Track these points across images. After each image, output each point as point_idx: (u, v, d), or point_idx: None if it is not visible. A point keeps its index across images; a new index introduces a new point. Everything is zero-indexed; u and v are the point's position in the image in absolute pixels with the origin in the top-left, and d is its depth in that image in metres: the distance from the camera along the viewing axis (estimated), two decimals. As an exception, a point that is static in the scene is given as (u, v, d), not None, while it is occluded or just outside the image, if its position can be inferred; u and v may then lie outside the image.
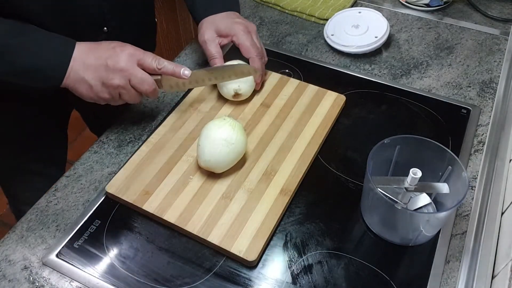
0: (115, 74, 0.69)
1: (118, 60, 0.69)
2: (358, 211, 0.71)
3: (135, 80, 0.71)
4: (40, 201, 0.74)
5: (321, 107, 0.83)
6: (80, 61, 0.69)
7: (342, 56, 0.97)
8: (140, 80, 0.71)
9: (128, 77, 0.70)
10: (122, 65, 0.69)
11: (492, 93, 0.89)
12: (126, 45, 0.72)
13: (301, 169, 0.74)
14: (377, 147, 0.65)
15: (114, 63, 0.69)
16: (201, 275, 0.64)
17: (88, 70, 0.69)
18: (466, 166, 0.77)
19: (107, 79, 0.69)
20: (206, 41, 0.82)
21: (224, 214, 0.68)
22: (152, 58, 0.72)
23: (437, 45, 0.99)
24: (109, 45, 0.71)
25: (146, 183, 0.72)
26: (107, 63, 0.69)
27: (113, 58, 0.69)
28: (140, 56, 0.71)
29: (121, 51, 0.70)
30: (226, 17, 0.83)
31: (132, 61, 0.70)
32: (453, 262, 0.66)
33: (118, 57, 0.69)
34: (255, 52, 0.81)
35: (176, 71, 0.73)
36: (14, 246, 0.68)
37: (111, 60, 0.69)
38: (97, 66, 0.69)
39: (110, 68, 0.69)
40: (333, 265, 0.65)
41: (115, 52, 0.70)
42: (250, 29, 0.83)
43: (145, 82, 0.72)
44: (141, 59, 0.71)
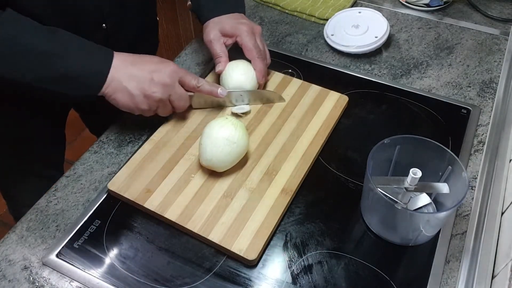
0: (158, 88, 0.71)
1: (163, 75, 0.72)
2: (358, 211, 0.71)
3: (174, 96, 0.74)
4: (40, 201, 0.74)
5: (324, 108, 0.83)
6: (123, 70, 0.71)
7: (342, 56, 0.97)
8: (179, 96, 0.74)
9: (169, 92, 0.73)
10: (167, 80, 0.72)
11: (492, 93, 0.89)
12: (168, 61, 0.75)
13: (303, 169, 0.74)
14: (377, 147, 0.65)
15: (159, 78, 0.71)
16: (201, 275, 0.64)
17: (132, 80, 0.71)
18: (466, 166, 0.77)
19: (150, 92, 0.71)
20: (211, 40, 0.83)
21: (225, 213, 0.68)
22: (193, 77, 0.76)
23: (437, 45, 0.99)
24: (152, 59, 0.74)
25: (148, 181, 0.72)
26: (153, 76, 0.71)
27: (158, 72, 0.72)
28: (182, 73, 0.74)
29: (166, 67, 0.73)
30: (231, 18, 0.84)
31: (175, 77, 0.73)
32: (453, 262, 0.66)
33: (163, 72, 0.72)
34: (257, 53, 0.81)
35: (213, 90, 0.77)
36: (14, 246, 0.68)
37: (156, 74, 0.71)
38: (142, 78, 0.71)
39: (155, 82, 0.71)
40: (333, 265, 0.65)
41: (160, 67, 0.72)
42: (254, 30, 0.83)
43: (183, 99, 0.75)
44: (182, 76, 0.74)
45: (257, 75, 0.82)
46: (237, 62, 0.83)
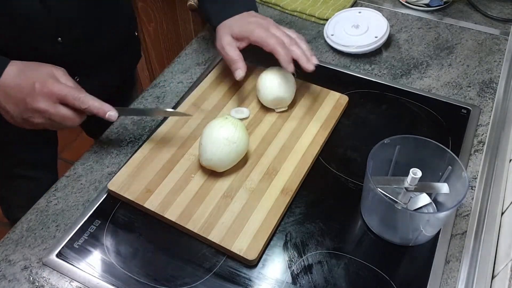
0: (34, 114, 0.65)
1: (35, 100, 0.64)
2: (358, 211, 0.71)
3: (56, 118, 0.66)
4: (40, 201, 0.74)
5: (324, 108, 0.83)
6: (3, 88, 0.65)
7: (342, 56, 0.97)
8: (62, 119, 0.66)
9: (48, 117, 0.66)
10: (40, 106, 0.64)
11: (492, 93, 0.89)
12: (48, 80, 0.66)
13: (303, 169, 0.74)
14: (377, 147, 0.65)
15: (32, 103, 0.64)
16: (201, 275, 0.64)
17: (9, 101, 0.65)
18: (466, 166, 0.77)
19: (27, 116, 0.66)
20: (224, 46, 0.79)
21: (225, 213, 0.68)
22: (75, 97, 0.66)
23: (437, 45, 0.99)
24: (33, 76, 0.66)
25: (148, 181, 0.72)
26: (26, 100, 0.64)
27: (31, 96, 0.64)
28: (61, 94, 0.65)
29: (40, 89, 0.64)
30: (240, 19, 0.81)
31: (52, 100, 0.65)
32: (453, 262, 0.66)
33: (36, 97, 0.64)
34: (275, 41, 0.75)
35: (100, 112, 0.68)
36: (14, 246, 0.68)
37: (29, 98, 0.64)
38: (17, 101, 0.65)
39: (29, 108, 0.65)
40: (333, 265, 0.65)
41: (34, 90, 0.64)
42: (265, 24, 0.78)
43: (68, 120, 0.67)
44: (62, 97, 0.65)
45: (282, 64, 0.75)
46: (271, 71, 0.81)
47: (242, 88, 0.87)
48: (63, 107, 0.66)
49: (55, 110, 0.65)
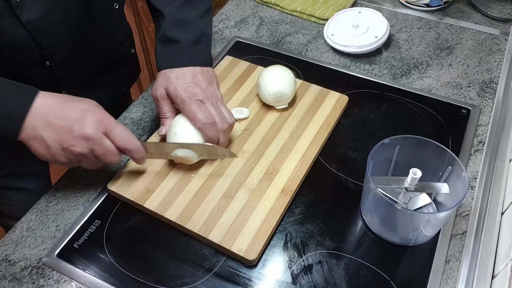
0: (78, 141, 0.62)
1: (85, 125, 0.61)
2: (358, 211, 0.71)
3: (99, 151, 0.63)
4: (40, 201, 0.74)
5: (324, 108, 0.83)
6: (42, 116, 0.61)
7: (342, 56, 0.97)
8: (105, 151, 0.64)
9: (92, 147, 0.63)
10: (88, 132, 0.61)
11: (492, 93, 0.89)
12: (98, 109, 0.64)
13: (303, 169, 0.74)
14: (377, 147, 0.65)
15: (80, 129, 0.61)
16: (201, 275, 0.64)
17: (49, 130, 0.61)
18: (466, 166, 0.77)
19: (67, 144, 0.62)
20: (158, 98, 0.74)
21: (225, 213, 0.68)
22: (123, 133, 0.64)
23: (437, 45, 0.99)
24: (79, 105, 0.63)
25: (148, 181, 0.72)
26: (73, 127, 0.61)
27: (80, 122, 0.61)
28: (110, 125, 0.64)
29: (91, 116, 0.62)
30: (180, 79, 0.72)
31: (100, 128, 0.63)
32: (453, 262, 0.66)
33: (85, 122, 0.62)
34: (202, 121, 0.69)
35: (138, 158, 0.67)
36: (14, 246, 0.68)
37: (77, 124, 0.61)
38: (61, 128, 0.61)
39: (74, 133, 0.61)
40: (333, 265, 0.65)
41: (84, 116, 0.62)
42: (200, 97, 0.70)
43: (110, 154, 0.64)
44: (110, 129, 0.63)
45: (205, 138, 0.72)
46: (273, 68, 0.82)
47: (242, 88, 0.87)
48: (108, 140, 0.64)
49: (102, 140, 0.63)
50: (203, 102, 0.71)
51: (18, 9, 0.65)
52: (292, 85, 0.81)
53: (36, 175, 0.96)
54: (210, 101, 0.71)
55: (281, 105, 0.82)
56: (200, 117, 0.69)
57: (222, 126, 0.71)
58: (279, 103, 0.82)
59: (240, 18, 1.08)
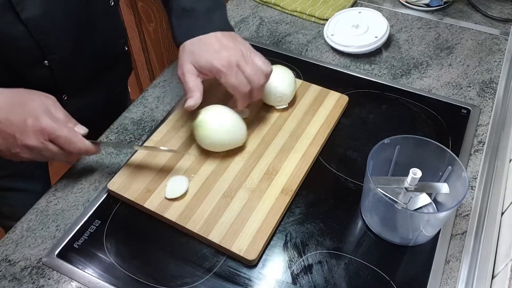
0: (23, 150, 0.62)
1: (26, 137, 0.61)
2: (358, 211, 0.71)
3: (46, 154, 0.63)
4: (40, 201, 0.74)
5: (324, 108, 0.83)
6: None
7: (342, 56, 0.97)
8: (52, 155, 0.64)
9: (39, 153, 0.63)
10: (30, 143, 0.61)
11: (492, 93, 0.89)
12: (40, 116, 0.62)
13: (303, 169, 0.74)
14: (377, 147, 0.65)
15: (22, 139, 0.61)
16: (201, 275, 0.64)
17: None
18: (466, 166, 0.77)
19: (15, 151, 0.62)
20: (184, 73, 0.70)
21: (225, 213, 0.68)
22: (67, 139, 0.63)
23: (437, 45, 0.99)
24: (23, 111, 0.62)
25: (148, 181, 0.72)
26: (16, 136, 0.61)
27: (21, 133, 0.61)
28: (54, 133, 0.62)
29: (32, 126, 0.61)
30: (206, 46, 0.69)
31: (43, 137, 0.62)
32: (453, 262, 0.66)
33: (26, 134, 0.61)
34: (241, 91, 0.70)
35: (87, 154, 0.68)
36: (14, 246, 0.68)
37: (19, 134, 0.61)
38: (6, 136, 0.61)
39: (18, 144, 0.61)
40: (333, 265, 0.65)
41: (26, 127, 0.61)
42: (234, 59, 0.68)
43: (59, 156, 0.64)
44: (54, 138, 0.62)
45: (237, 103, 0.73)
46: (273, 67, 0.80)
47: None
48: (54, 145, 0.63)
49: (46, 147, 0.63)
50: (238, 64, 0.69)
51: (19, 6, 0.65)
52: (292, 85, 0.81)
53: (36, 177, 0.96)
54: (243, 59, 0.69)
55: (281, 105, 0.82)
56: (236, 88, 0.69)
57: (259, 82, 0.70)
58: (279, 103, 0.82)
59: (240, 18, 1.08)
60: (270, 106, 0.83)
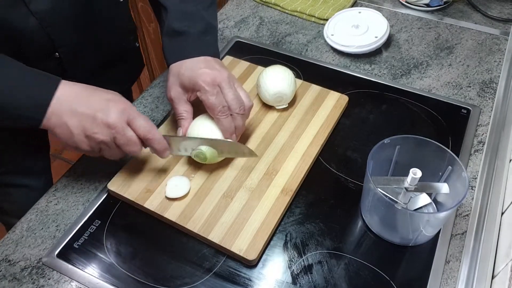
0: (101, 129, 0.63)
1: (108, 114, 0.62)
2: (358, 211, 0.71)
3: (121, 139, 0.64)
4: (40, 201, 0.74)
5: (324, 108, 0.83)
6: (66, 104, 0.62)
7: (342, 56, 0.97)
8: (127, 140, 0.64)
9: (114, 135, 0.63)
10: (111, 120, 0.62)
11: (492, 93, 0.89)
12: (121, 99, 0.65)
13: (303, 169, 0.74)
14: (377, 147, 0.65)
15: (103, 117, 0.62)
16: (201, 275, 0.64)
17: (73, 117, 0.62)
18: (466, 166, 0.77)
19: (91, 132, 0.63)
20: (173, 99, 0.73)
21: (225, 213, 0.68)
22: (145, 123, 0.65)
23: (437, 45, 0.99)
24: (103, 94, 0.65)
25: (148, 181, 0.72)
26: (96, 115, 0.62)
27: (104, 111, 0.63)
28: (132, 115, 0.64)
29: (115, 105, 0.64)
30: (192, 66, 0.71)
31: (123, 118, 0.63)
32: (453, 262, 0.66)
33: (109, 111, 0.63)
34: (219, 111, 0.69)
35: (160, 150, 0.67)
36: (14, 246, 0.68)
37: (101, 113, 0.62)
38: (85, 116, 0.62)
39: (98, 121, 0.62)
40: (333, 265, 0.65)
41: (107, 106, 0.63)
42: (217, 80, 0.69)
43: (132, 144, 0.65)
44: (133, 118, 0.64)
45: (224, 135, 0.72)
46: (273, 68, 0.82)
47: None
48: (131, 129, 0.64)
49: (124, 129, 0.64)
50: (220, 85, 0.70)
51: None
52: (292, 85, 0.81)
53: (38, 173, 0.97)
54: (226, 83, 0.70)
55: (281, 105, 0.82)
56: (216, 107, 0.69)
57: (239, 111, 0.71)
58: (279, 103, 0.82)
59: (240, 18, 1.08)
60: (270, 106, 0.83)
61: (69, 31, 0.74)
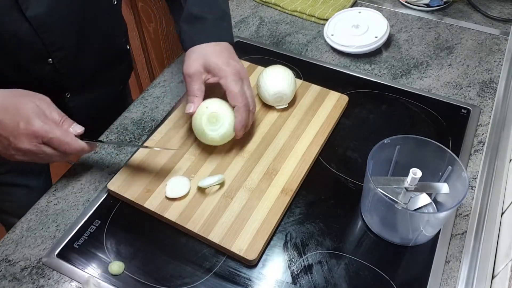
0: (17, 152, 0.62)
1: (19, 140, 0.61)
2: (358, 211, 0.71)
3: (43, 158, 0.64)
4: (40, 201, 0.74)
5: (324, 108, 0.83)
6: None
7: (342, 56, 0.97)
8: (47, 157, 0.63)
9: (34, 156, 0.63)
10: (24, 146, 0.61)
11: (492, 93, 0.89)
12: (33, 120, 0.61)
13: (303, 169, 0.74)
14: (377, 147, 0.65)
15: (16, 142, 0.61)
16: (201, 275, 0.64)
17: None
18: (466, 166, 0.77)
19: (10, 154, 0.63)
20: (191, 75, 0.72)
21: (225, 213, 0.68)
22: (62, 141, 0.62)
23: (437, 45, 0.99)
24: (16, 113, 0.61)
25: (148, 181, 0.72)
26: (10, 139, 0.61)
27: (15, 136, 0.61)
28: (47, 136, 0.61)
29: (25, 129, 0.60)
30: (219, 54, 0.73)
31: (36, 141, 0.61)
32: (453, 262, 0.66)
33: (20, 138, 0.61)
34: (242, 101, 0.71)
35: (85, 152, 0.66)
36: (14, 246, 0.68)
37: (13, 138, 0.61)
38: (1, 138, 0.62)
39: (12, 146, 0.62)
40: (333, 265, 0.65)
41: (18, 130, 0.60)
42: (242, 75, 0.73)
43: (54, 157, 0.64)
44: (48, 140, 0.62)
45: (236, 125, 0.72)
46: (273, 68, 0.82)
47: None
48: (48, 147, 0.63)
49: (40, 150, 0.62)
50: (242, 80, 0.72)
51: (24, 4, 0.65)
52: (292, 85, 0.81)
53: (37, 172, 0.97)
54: (247, 80, 0.74)
55: (281, 105, 0.82)
56: (240, 96, 0.71)
57: (252, 108, 0.74)
58: (279, 103, 0.82)
59: (240, 18, 1.08)
60: (270, 106, 0.83)
61: (64, 36, 0.73)
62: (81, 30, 0.75)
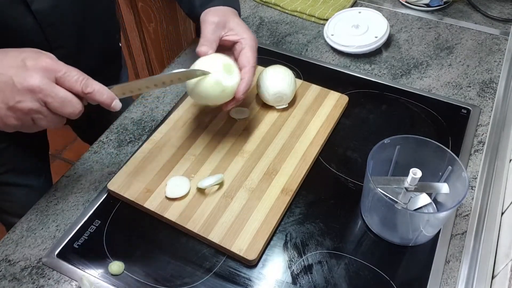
0: (24, 96, 0.53)
1: (27, 77, 0.53)
2: (358, 211, 0.71)
3: (53, 102, 0.54)
4: (40, 201, 0.74)
5: (324, 107, 0.83)
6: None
7: (342, 56, 0.97)
8: (61, 101, 0.54)
9: (43, 99, 0.54)
10: (33, 83, 0.53)
11: (492, 93, 0.89)
12: (41, 55, 0.55)
13: (303, 169, 0.74)
14: (377, 147, 0.65)
15: (22, 81, 0.53)
16: (201, 275, 0.64)
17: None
18: (466, 166, 0.77)
19: (14, 102, 0.53)
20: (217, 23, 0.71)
21: (225, 213, 0.68)
22: (77, 77, 0.56)
23: (437, 45, 0.99)
24: (18, 55, 0.54)
25: (148, 181, 0.72)
26: (14, 80, 0.53)
27: (21, 74, 0.53)
28: (60, 71, 0.55)
29: (34, 65, 0.54)
30: (236, 16, 0.75)
31: (48, 77, 0.54)
32: (453, 262, 0.66)
33: (27, 73, 0.53)
34: (252, 65, 0.72)
35: (107, 101, 0.58)
36: (14, 246, 0.68)
37: (18, 77, 0.53)
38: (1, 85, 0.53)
39: (17, 88, 0.53)
40: (333, 265, 0.65)
41: (25, 67, 0.53)
42: (255, 44, 0.74)
43: (67, 104, 0.55)
44: (61, 76, 0.55)
45: (242, 86, 0.69)
46: (273, 68, 0.82)
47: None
48: (62, 88, 0.55)
49: (53, 90, 0.54)
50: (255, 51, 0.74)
51: None
52: (292, 85, 0.81)
53: (37, 172, 0.97)
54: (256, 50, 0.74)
55: (281, 105, 0.82)
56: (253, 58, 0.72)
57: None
58: (279, 103, 0.82)
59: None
60: (270, 106, 0.83)
61: (67, 32, 0.73)
62: (82, 27, 0.76)
